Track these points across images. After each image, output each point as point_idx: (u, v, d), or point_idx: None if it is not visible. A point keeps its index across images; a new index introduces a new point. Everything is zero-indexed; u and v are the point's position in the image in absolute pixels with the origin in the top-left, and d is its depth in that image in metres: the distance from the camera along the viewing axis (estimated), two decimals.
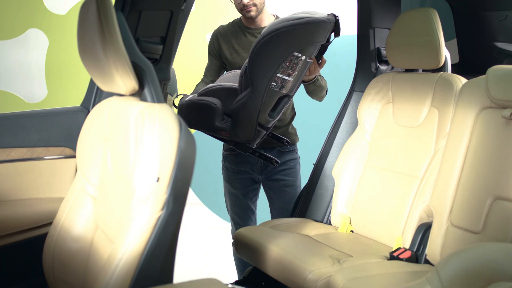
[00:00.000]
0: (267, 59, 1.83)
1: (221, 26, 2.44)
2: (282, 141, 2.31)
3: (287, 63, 1.85)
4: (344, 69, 2.84)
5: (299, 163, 2.46)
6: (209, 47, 2.44)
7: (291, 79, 1.91)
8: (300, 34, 1.82)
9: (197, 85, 2.43)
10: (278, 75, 1.86)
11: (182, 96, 2.18)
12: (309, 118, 3.33)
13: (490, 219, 1.55)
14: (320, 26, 1.85)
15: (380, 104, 2.10)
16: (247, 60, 1.91)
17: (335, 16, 1.93)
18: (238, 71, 2.13)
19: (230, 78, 2.13)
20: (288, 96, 1.99)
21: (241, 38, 2.35)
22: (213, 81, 2.38)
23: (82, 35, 1.24)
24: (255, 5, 2.25)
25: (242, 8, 2.26)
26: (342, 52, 3.77)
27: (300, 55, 1.86)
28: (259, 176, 2.43)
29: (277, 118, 2.04)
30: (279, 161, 2.18)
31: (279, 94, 1.93)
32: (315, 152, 2.40)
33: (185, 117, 1.76)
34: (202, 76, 2.49)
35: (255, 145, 2.07)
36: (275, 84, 1.87)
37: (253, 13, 2.26)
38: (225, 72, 2.43)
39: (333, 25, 1.93)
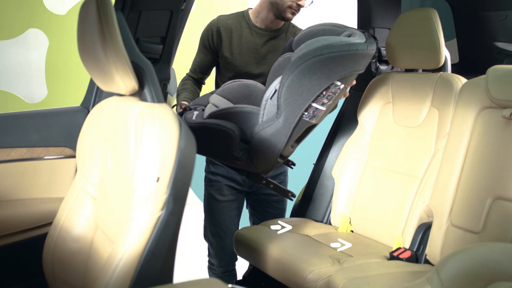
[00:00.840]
0: (305, 86, 1.62)
1: (222, 16, 2.16)
2: (288, 163, 2.09)
3: (324, 92, 1.65)
4: None
5: (287, 175, 2.34)
6: (205, 39, 2.15)
7: (324, 109, 1.70)
8: (347, 62, 1.65)
9: (184, 83, 2.19)
10: (312, 104, 1.66)
11: (177, 106, 1.96)
12: None
13: (490, 219, 1.55)
14: (368, 54, 1.70)
15: (380, 104, 2.10)
16: (275, 83, 1.69)
17: (374, 37, 1.77)
18: (244, 82, 1.97)
19: (235, 89, 1.95)
20: (315, 126, 1.78)
21: (247, 37, 2.12)
22: (202, 78, 2.22)
23: (82, 35, 1.24)
24: (299, 11, 2.07)
25: (291, 6, 2.02)
26: None
27: (339, 83, 1.67)
28: (249, 189, 2.26)
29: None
30: (295, 194, 1.97)
31: (309, 125, 1.71)
32: (315, 152, 2.40)
33: (197, 141, 1.61)
34: (188, 72, 2.22)
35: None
36: (307, 113, 1.66)
37: (293, 17, 2.07)
38: (214, 69, 2.23)
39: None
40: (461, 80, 1.86)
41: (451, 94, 1.84)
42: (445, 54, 1.96)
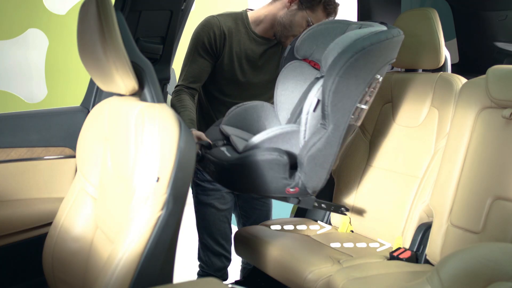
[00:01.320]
0: (353, 86, 1.54)
1: (220, 16, 1.95)
2: None
3: (367, 88, 1.57)
4: None
5: None
6: (205, 41, 1.91)
7: (367, 108, 1.63)
8: (386, 52, 1.60)
9: (180, 98, 1.88)
10: (358, 104, 1.58)
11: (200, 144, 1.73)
12: None
13: (490, 219, 1.55)
14: (402, 39, 1.66)
15: (380, 104, 2.09)
16: (314, 93, 1.58)
17: (385, 24, 1.70)
18: (250, 104, 1.86)
19: (242, 115, 1.82)
20: (355, 130, 1.69)
21: (245, 44, 1.96)
22: (198, 88, 1.97)
23: (82, 35, 1.24)
24: None
25: (295, 35, 1.92)
26: None
27: (378, 76, 1.59)
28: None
29: None
30: (348, 208, 1.88)
31: (354, 128, 1.64)
32: None
33: (234, 180, 1.53)
34: (181, 82, 1.92)
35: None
36: (353, 116, 1.58)
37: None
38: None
39: None
40: (461, 80, 1.86)
41: (451, 94, 1.84)
42: (445, 54, 1.96)
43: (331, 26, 1.83)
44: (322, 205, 1.77)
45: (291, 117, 1.85)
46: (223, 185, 1.59)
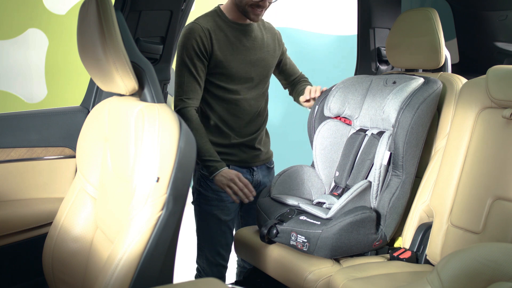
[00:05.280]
0: (421, 133, 1.73)
1: (200, 19, 1.90)
2: None
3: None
4: (344, 69, 2.84)
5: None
6: (196, 49, 1.85)
7: None
8: (436, 100, 1.79)
9: (195, 126, 1.83)
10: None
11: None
12: (306, 117, 3.32)
13: (490, 219, 1.55)
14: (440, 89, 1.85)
15: None
16: (382, 149, 1.74)
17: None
18: (291, 170, 1.91)
19: (288, 182, 1.89)
20: None
21: (232, 35, 1.93)
22: (199, 98, 1.90)
23: (82, 35, 1.24)
24: (263, 8, 1.90)
25: (259, 6, 1.85)
26: (342, 52, 3.77)
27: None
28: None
29: None
30: None
31: None
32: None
33: (331, 246, 1.59)
34: (186, 99, 1.85)
35: None
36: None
37: (258, 17, 1.90)
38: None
39: None
40: (461, 80, 1.86)
41: (451, 94, 1.83)
42: (445, 54, 1.96)
43: (356, 81, 1.95)
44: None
45: (341, 174, 1.92)
46: (318, 255, 1.63)
